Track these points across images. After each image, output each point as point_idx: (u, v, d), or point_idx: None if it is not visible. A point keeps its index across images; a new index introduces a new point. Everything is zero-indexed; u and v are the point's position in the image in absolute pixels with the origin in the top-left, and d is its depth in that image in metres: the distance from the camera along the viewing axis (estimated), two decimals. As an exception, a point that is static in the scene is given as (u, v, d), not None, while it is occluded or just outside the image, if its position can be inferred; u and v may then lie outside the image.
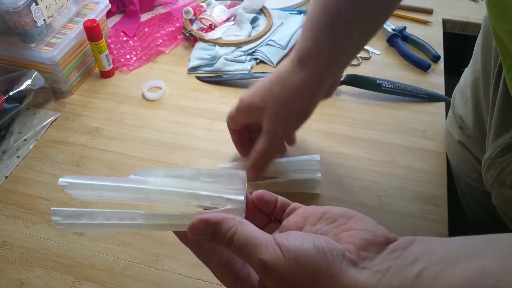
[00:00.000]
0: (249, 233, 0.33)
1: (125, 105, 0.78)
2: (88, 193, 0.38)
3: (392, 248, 0.32)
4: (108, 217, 0.38)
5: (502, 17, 0.41)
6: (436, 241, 0.32)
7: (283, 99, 0.54)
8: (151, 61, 0.87)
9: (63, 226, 0.38)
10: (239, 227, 0.33)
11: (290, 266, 0.31)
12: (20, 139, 0.72)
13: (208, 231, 0.34)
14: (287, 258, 0.31)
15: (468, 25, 0.96)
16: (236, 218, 0.34)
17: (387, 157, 0.68)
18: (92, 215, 0.38)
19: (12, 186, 0.66)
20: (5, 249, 0.58)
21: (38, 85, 0.75)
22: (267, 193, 0.40)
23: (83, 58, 0.82)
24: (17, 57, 0.76)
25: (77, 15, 0.82)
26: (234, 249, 0.33)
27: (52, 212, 0.38)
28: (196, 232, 0.35)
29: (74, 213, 0.38)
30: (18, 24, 0.71)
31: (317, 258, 0.31)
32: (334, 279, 0.30)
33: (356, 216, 0.35)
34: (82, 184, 0.38)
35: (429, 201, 0.62)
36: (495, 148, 0.52)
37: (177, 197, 0.38)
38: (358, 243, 0.32)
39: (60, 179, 0.38)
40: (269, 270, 0.31)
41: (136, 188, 0.38)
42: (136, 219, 0.38)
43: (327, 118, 0.75)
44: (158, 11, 0.99)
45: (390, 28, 0.90)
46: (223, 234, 0.34)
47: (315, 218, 0.37)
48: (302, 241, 0.32)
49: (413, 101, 0.78)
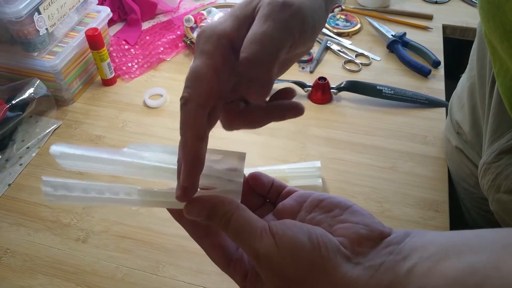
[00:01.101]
0: (245, 219, 0.32)
1: (126, 112, 0.79)
2: (79, 164, 0.37)
3: (387, 243, 0.32)
4: (102, 191, 0.37)
5: (493, 20, 0.41)
6: (429, 235, 0.32)
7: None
8: (152, 69, 0.88)
9: (54, 197, 0.36)
10: (235, 211, 0.33)
11: (284, 258, 0.31)
12: (23, 147, 0.73)
13: (204, 212, 0.33)
14: (281, 249, 0.31)
15: (468, 30, 0.97)
16: (233, 202, 0.34)
17: (388, 163, 0.69)
18: (85, 188, 0.36)
19: (15, 194, 0.66)
20: (8, 257, 0.59)
21: (41, 94, 0.75)
22: (263, 174, 0.39)
23: (85, 66, 0.83)
24: (19, 66, 0.77)
25: (79, 24, 0.83)
26: (229, 233, 0.33)
27: (43, 182, 0.36)
28: (192, 212, 0.34)
29: (66, 185, 0.36)
30: (21, 33, 0.72)
31: (312, 252, 0.31)
32: (328, 274, 0.30)
33: (352, 207, 0.35)
34: (75, 154, 0.36)
35: (430, 207, 0.62)
36: (491, 153, 0.52)
37: (173, 174, 0.36)
38: (352, 238, 0.32)
39: (52, 146, 0.35)
40: (262, 260, 0.31)
41: (130, 162, 0.37)
42: (132, 194, 0.37)
43: (328, 124, 0.75)
44: (159, 19, 1.00)
45: (390, 34, 0.91)
46: (219, 217, 0.33)
47: (311, 205, 0.36)
48: (297, 232, 0.32)
49: (414, 107, 0.78)
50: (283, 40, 0.30)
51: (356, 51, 0.90)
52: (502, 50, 0.41)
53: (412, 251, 0.30)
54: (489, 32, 0.44)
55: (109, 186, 0.37)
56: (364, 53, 0.89)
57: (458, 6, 1.02)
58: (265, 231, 0.32)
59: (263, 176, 0.39)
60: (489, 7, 0.41)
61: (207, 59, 0.31)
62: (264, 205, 0.40)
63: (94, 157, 0.36)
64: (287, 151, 0.71)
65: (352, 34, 0.94)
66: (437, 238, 0.31)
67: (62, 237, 0.61)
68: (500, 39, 0.40)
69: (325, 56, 0.90)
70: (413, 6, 1.01)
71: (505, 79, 0.44)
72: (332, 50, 0.90)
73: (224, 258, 0.35)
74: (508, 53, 0.40)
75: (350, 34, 0.94)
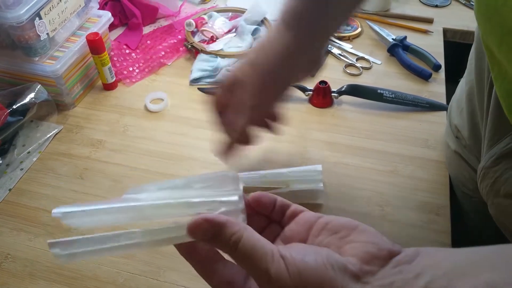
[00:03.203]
0: (255, 242, 0.32)
1: (127, 117, 0.79)
2: (85, 220, 0.37)
3: (396, 262, 0.31)
4: (104, 241, 0.36)
5: (490, 23, 0.41)
6: (441, 253, 0.31)
7: (263, 65, 0.51)
8: (153, 73, 0.88)
9: (65, 257, 0.36)
10: (244, 233, 0.32)
11: (294, 281, 0.30)
12: (24, 151, 0.73)
13: (210, 232, 0.32)
14: (291, 272, 0.31)
15: (468, 34, 0.97)
16: (240, 223, 0.33)
17: (389, 167, 0.68)
18: (88, 242, 0.36)
19: (16, 199, 0.66)
20: (8, 262, 0.59)
21: (42, 98, 0.75)
22: (265, 194, 0.39)
23: (86, 71, 0.83)
24: (20, 71, 0.77)
25: (80, 29, 0.83)
26: (237, 256, 0.32)
27: (49, 245, 0.36)
28: (197, 231, 0.33)
29: (70, 243, 0.37)
30: (22, 38, 0.72)
31: (320, 273, 0.30)
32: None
33: (359, 227, 0.35)
34: (75, 212, 0.37)
35: (431, 210, 0.62)
36: (489, 158, 0.52)
37: (172, 209, 0.37)
38: (361, 256, 0.32)
39: (53, 210, 0.36)
40: (273, 282, 0.31)
41: (129, 206, 0.37)
42: (134, 238, 0.36)
43: (329, 128, 0.75)
44: (160, 23, 1.00)
45: (391, 38, 0.91)
46: (227, 238, 0.32)
47: (318, 228, 0.36)
48: (305, 255, 0.31)
49: (415, 110, 0.78)
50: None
51: (357, 55, 0.90)
52: (500, 53, 0.41)
53: (424, 270, 0.29)
54: (486, 36, 0.44)
55: (111, 235, 0.37)
56: (364, 56, 0.89)
57: (458, 9, 1.03)
58: (275, 254, 0.31)
59: (265, 197, 0.39)
60: (486, 10, 0.41)
61: None
62: (269, 226, 0.40)
63: (92, 209, 0.37)
64: (289, 156, 0.71)
65: (352, 38, 0.94)
66: (451, 256, 0.30)
67: (63, 242, 0.60)
68: (498, 42, 0.40)
69: (326, 60, 0.90)
70: (414, 10, 1.01)
71: (503, 82, 0.44)
72: (333, 54, 0.90)
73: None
74: (506, 56, 0.40)
75: (350, 37, 0.94)
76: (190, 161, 0.70)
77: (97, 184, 0.68)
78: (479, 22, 0.44)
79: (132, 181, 0.68)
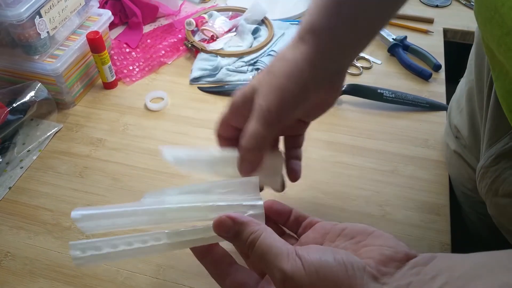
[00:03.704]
0: (272, 241, 0.33)
1: (127, 116, 0.79)
2: (102, 223, 0.37)
3: (413, 264, 0.32)
4: (131, 242, 0.36)
5: (490, 23, 0.41)
6: (456, 257, 0.32)
7: (280, 72, 0.43)
8: (153, 72, 0.88)
9: (83, 260, 0.35)
10: (263, 233, 0.34)
11: (310, 279, 0.31)
12: (24, 150, 0.73)
13: (233, 229, 0.35)
14: (308, 270, 0.31)
15: (468, 34, 0.97)
16: (261, 224, 0.35)
17: (389, 167, 0.68)
18: (114, 243, 0.36)
19: (16, 197, 0.66)
20: (8, 260, 0.58)
21: (42, 97, 0.75)
22: (278, 202, 0.40)
23: (86, 69, 0.83)
24: (20, 69, 0.77)
25: (80, 27, 0.83)
26: (254, 254, 0.33)
27: (70, 246, 0.36)
28: (222, 227, 0.35)
29: (94, 244, 0.36)
30: (22, 36, 0.72)
31: (338, 272, 0.31)
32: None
33: (375, 232, 0.35)
34: (96, 214, 0.37)
35: (431, 210, 0.62)
36: (488, 157, 0.52)
37: (196, 212, 0.37)
38: (378, 259, 0.32)
39: (72, 212, 0.36)
40: (289, 281, 0.31)
41: (152, 209, 0.37)
42: (161, 239, 0.37)
43: (329, 128, 0.75)
44: (161, 22, 1.00)
45: (391, 38, 0.91)
46: (246, 236, 0.34)
47: (334, 234, 0.37)
48: (323, 254, 0.32)
49: (415, 110, 0.78)
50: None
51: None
52: (500, 53, 0.41)
53: (441, 272, 0.30)
54: (486, 36, 0.44)
55: (137, 236, 0.37)
56: (365, 56, 0.89)
57: (459, 10, 1.03)
58: (292, 253, 0.32)
59: (278, 204, 0.40)
60: (485, 11, 0.41)
61: None
62: (283, 236, 0.41)
63: (114, 212, 0.37)
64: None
65: (353, 38, 0.94)
66: (466, 259, 0.30)
67: (63, 240, 0.60)
68: (498, 42, 0.40)
69: (326, 60, 0.89)
70: (414, 10, 1.01)
71: (504, 82, 0.44)
72: (333, 53, 0.90)
73: None
74: (506, 56, 0.40)
75: (351, 37, 0.94)
76: (190, 160, 0.70)
77: (97, 183, 0.68)
78: (479, 23, 0.44)
79: (132, 180, 0.68)
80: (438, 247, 0.58)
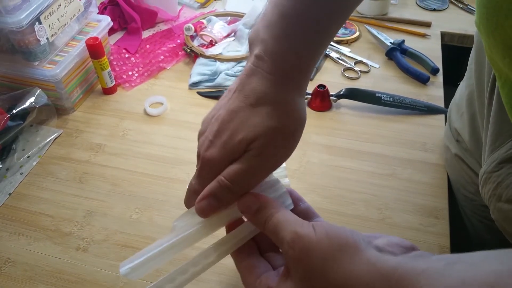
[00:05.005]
0: (288, 215, 0.36)
1: (127, 121, 0.79)
2: (150, 266, 0.38)
3: (419, 253, 0.33)
4: (185, 270, 0.39)
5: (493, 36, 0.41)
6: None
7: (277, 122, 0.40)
8: (152, 77, 0.88)
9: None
10: (281, 209, 0.36)
11: (318, 237, 0.32)
12: (24, 156, 0.73)
13: (256, 204, 0.37)
14: (318, 231, 0.33)
15: (466, 37, 0.97)
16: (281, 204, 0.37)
17: (388, 170, 0.69)
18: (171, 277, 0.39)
19: (16, 203, 0.66)
20: (8, 266, 0.59)
21: (41, 103, 0.75)
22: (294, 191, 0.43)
23: (86, 75, 0.83)
24: (20, 75, 0.77)
25: (79, 33, 0.84)
26: (270, 225, 0.35)
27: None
28: (246, 203, 0.37)
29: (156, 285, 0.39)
30: (22, 43, 0.72)
31: (346, 233, 0.32)
32: (359, 252, 0.31)
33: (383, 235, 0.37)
34: (141, 262, 0.38)
35: (430, 213, 0.62)
36: (491, 162, 0.52)
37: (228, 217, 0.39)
38: (384, 242, 0.34)
39: (120, 269, 0.37)
40: (298, 240, 0.32)
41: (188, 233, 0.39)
42: (210, 255, 0.39)
43: (327, 132, 0.75)
44: (160, 28, 1.01)
45: (389, 42, 0.91)
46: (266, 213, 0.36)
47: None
48: (334, 225, 0.34)
49: (413, 114, 0.78)
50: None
51: (355, 59, 0.90)
52: (504, 66, 0.41)
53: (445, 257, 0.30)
54: (489, 49, 0.44)
55: (189, 262, 0.39)
56: (363, 60, 0.90)
57: (456, 13, 1.03)
58: (306, 222, 0.34)
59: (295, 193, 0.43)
60: (487, 24, 0.41)
61: None
62: None
63: (158, 252, 0.38)
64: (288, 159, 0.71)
65: (351, 42, 0.95)
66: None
67: (63, 246, 0.61)
68: (502, 55, 0.40)
69: (324, 64, 0.90)
70: (412, 14, 1.02)
71: (510, 90, 0.44)
72: (331, 57, 0.91)
73: (255, 275, 0.38)
74: (510, 69, 0.41)
75: (349, 41, 0.95)
76: (190, 165, 0.71)
77: (96, 188, 0.68)
78: (481, 34, 0.44)
79: (131, 185, 0.68)
80: (437, 250, 0.58)
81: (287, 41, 0.39)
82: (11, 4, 0.68)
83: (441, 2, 1.05)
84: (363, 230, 0.61)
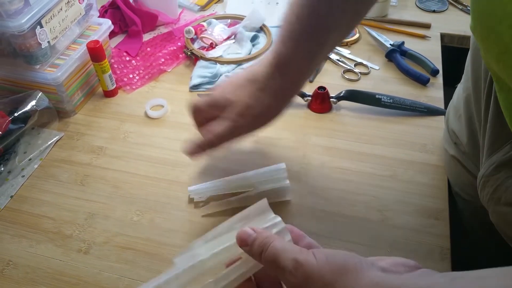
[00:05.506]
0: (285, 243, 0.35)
1: (128, 123, 0.79)
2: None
3: (424, 271, 0.33)
4: None
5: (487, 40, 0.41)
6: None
7: (258, 98, 0.56)
8: (153, 80, 0.89)
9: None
10: (277, 238, 0.36)
11: (319, 264, 0.32)
12: (25, 158, 0.73)
13: (252, 236, 0.37)
14: (318, 258, 0.33)
15: (466, 38, 0.97)
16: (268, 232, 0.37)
17: (388, 171, 0.69)
18: None
19: (17, 206, 0.67)
20: (10, 269, 0.59)
21: (43, 106, 0.76)
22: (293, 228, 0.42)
23: (87, 78, 0.83)
24: (22, 79, 0.77)
25: (80, 37, 0.84)
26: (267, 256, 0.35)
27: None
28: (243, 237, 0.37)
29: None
30: (23, 46, 0.73)
31: (345, 257, 0.33)
32: (361, 273, 0.31)
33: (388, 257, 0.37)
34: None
35: (430, 215, 0.63)
36: (489, 166, 0.52)
37: (228, 252, 0.39)
38: (389, 263, 0.34)
39: None
40: (300, 268, 0.32)
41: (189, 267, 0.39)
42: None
43: (328, 133, 0.76)
44: (160, 31, 1.01)
45: (389, 43, 0.91)
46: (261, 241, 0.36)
47: None
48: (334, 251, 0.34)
49: (413, 115, 0.78)
50: None
51: (355, 61, 0.91)
52: (499, 70, 0.42)
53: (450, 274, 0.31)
54: (485, 53, 0.44)
55: None
56: (363, 62, 0.90)
57: (455, 15, 1.03)
58: (304, 249, 0.34)
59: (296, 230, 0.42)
60: (481, 29, 0.41)
61: None
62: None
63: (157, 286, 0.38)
64: (287, 161, 0.71)
65: (350, 44, 0.95)
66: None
67: (64, 249, 0.61)
68: (496, 59, 0.41)
69: (324, 66, 0.90)
70: (411, 15, 1.02)
71: (508, 94, 0.44)
72: (331, 59, 0.91)
73: None
74: (504, 74, 0.41)
75: (348, 43, 0.95)
76: (191, 167, 0.71)
77: (98, 191, 0.68)
78: (476, 38, 0.44)
79: (133, 188, 0.68)
80: (437, 251, 0.58)
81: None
82: (12, 8, 0.69)
83: (440, 3, 1.06)
84: (363, 231, 0.61)
